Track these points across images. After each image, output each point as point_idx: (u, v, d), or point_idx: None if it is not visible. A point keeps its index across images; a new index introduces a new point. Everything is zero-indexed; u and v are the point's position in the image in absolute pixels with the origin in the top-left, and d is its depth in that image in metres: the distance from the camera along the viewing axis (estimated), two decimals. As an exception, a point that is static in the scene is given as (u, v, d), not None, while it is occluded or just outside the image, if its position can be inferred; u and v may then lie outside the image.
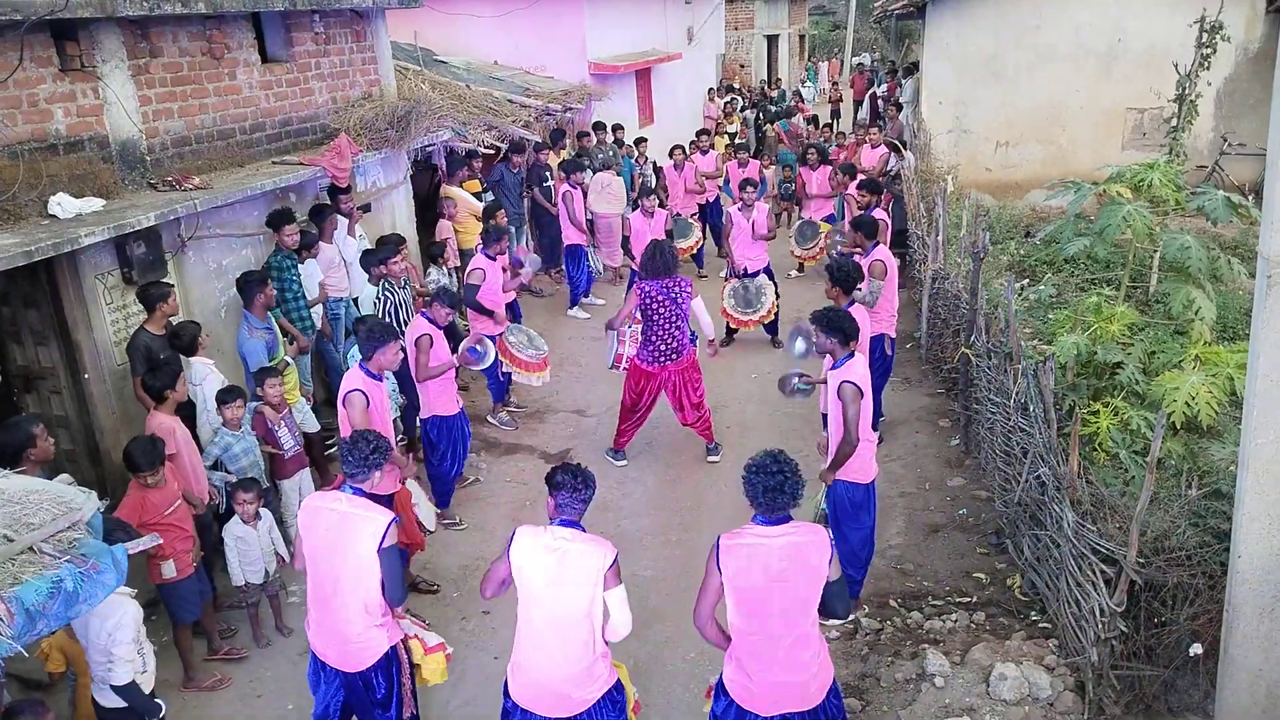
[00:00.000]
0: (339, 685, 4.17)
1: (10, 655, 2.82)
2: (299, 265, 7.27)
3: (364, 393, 5.37)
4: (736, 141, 16.54)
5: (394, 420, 6.85)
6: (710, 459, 7.61)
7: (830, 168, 11.76)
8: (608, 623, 3.74)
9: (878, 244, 7.53)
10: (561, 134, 12.52)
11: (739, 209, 9.77)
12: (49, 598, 2.94)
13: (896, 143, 12.91)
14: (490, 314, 7.98)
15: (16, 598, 2.86)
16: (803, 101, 21.45)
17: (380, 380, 5.55)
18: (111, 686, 4.02)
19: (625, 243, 11.02)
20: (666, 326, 7.11)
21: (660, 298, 7.02)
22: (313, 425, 6.71)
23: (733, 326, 9.81)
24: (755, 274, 9.72)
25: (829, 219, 11.61)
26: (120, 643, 3.94)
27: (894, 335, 7.62)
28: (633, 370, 7.37)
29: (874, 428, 5.64)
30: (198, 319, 6.42)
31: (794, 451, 4.56)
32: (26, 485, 3.53)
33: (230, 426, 5.73)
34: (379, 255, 7.59)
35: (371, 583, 3.97)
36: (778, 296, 9.84)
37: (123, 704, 4.10)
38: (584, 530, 3.78)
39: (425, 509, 5.83)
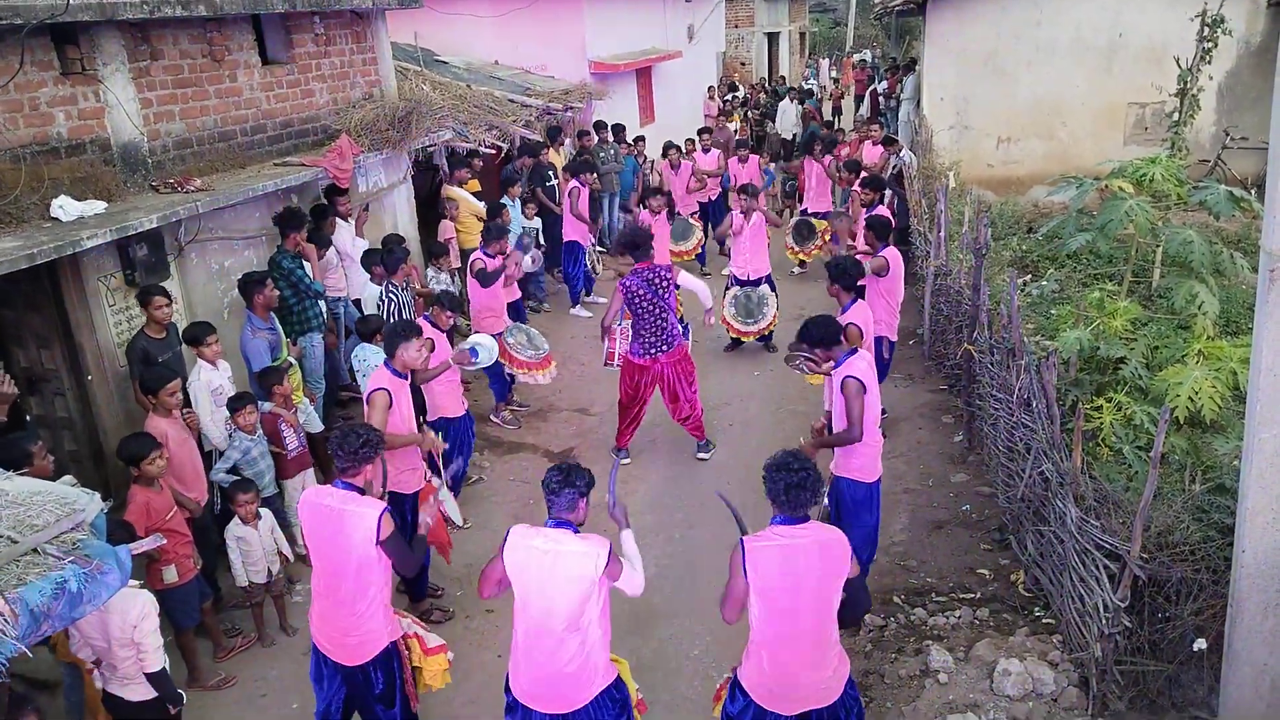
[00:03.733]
0: (340, 681, 4.20)
1: (14, 655, 2.82)
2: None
3: (389, 391, 5.31)
4: (736, 139, 16.54)
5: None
6: (700, 456, 7.61)
7: (833, 159, 11.77)
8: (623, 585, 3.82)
9: (887, 244, 7.46)
10: (559, 130, 12.53)
11: (740, 211, 9.71)
12: (53, 599, 2.94)
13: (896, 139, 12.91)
14: (500, 273, 8.02)
15: (21, 599, 2.86)
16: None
17: (406, 379, 5.51)
18: (146, 675, 4.08)
19: None
20: (652, 319, 7.13)
21: (641, 290, 7.04)
22: (316, 425, 6.71)
23: (734, 337, 9.69)
24: (757, 283, 9.60)
25: (825, 216, 11.56)
26: (146, 632, 4.01)
27: (894, 339, 7.59)
28: (625, 365, 7.39)
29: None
30: (200, 320, 6.42)
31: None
32: (30, 487, 3.53)
33: (245, 431, 5.73)
34: (394, 258, 7.56)
35: (370, 576, 4.01)
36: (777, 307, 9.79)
37: (151, 695, 4.14)
38: (577, 532, 3.77)
39: (450, 503, 5.82)
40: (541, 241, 10.85)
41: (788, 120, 19.05)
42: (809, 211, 12.08)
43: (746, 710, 3.77)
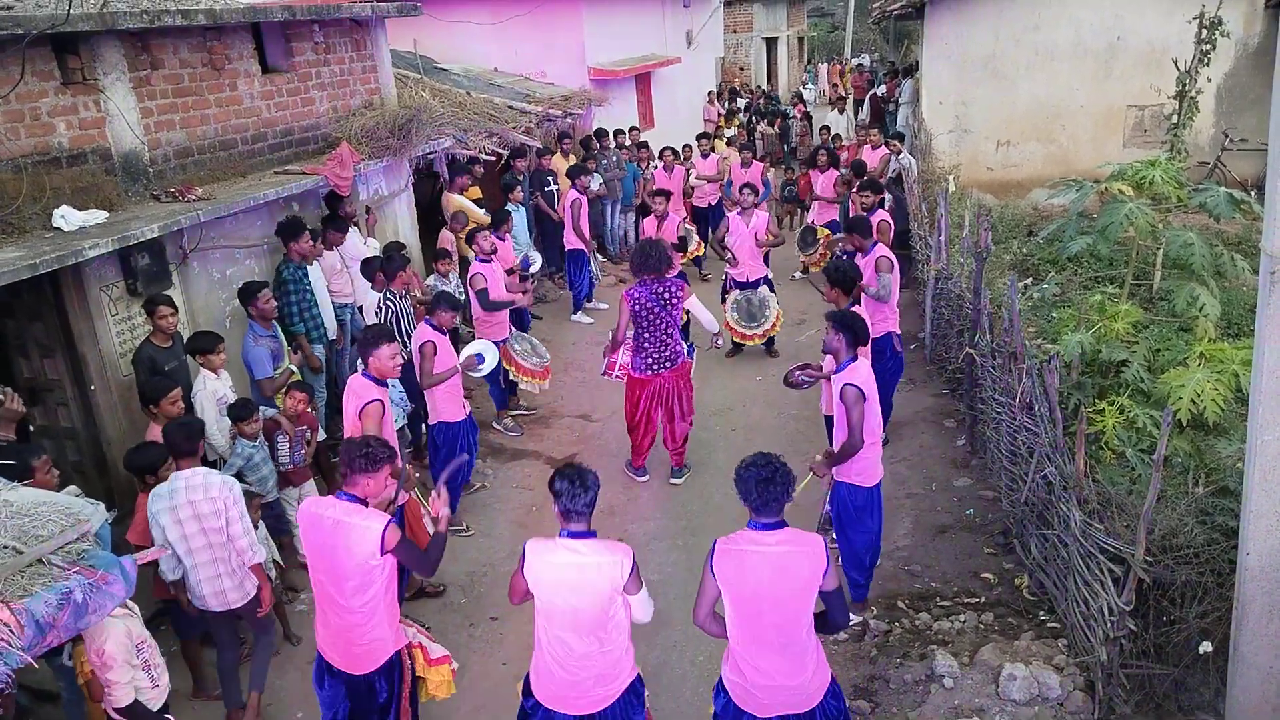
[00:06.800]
0: (344, 692, 4.17)
1: (20, 666, 2.82)
2: (309, 271, 7.30)
3: (381, 402, 5.32)
4: (739, 143, 16.53)
5: (402, 428, 6.86)
6: (673, 481, 7.42)
7: (837, 172, 11.75)
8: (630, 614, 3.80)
9: (877, 242, 7.52)
10: (567, 136, 12.56)
11: (738, 213, 9.67)
12: (58, 609, 2.95)
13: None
14: (509, 304, 8.04)
15: (26, 609, 2.86)
16: (803, 103, 21.46)
17: (385, 387, 5.52)
18: (116, 710, 3.85)
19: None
20: (657, 334, 6.94)
21: (650, 305, 6.85)
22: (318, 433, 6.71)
23: (737, 341, 9.60)
24: (755, 284, 9.55)
25: (832, 225, 11.50)
26: (110, 667, 3.73)
27: (899, 332, 7.61)
28: (629, 380, 7.24)
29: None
30: (208, 330, 6.42)
31: (799, 454, 4.59)
32: (35, 497, 3.54)
33: (247, 438, 5.73)
34: (392, 266, 7.57)
35: (373, 585, 3.99)
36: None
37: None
38: (596, 537, 3.77)
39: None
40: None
41: (838, 129, 18.87)
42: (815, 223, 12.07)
43: (727, 709, 3.82)
